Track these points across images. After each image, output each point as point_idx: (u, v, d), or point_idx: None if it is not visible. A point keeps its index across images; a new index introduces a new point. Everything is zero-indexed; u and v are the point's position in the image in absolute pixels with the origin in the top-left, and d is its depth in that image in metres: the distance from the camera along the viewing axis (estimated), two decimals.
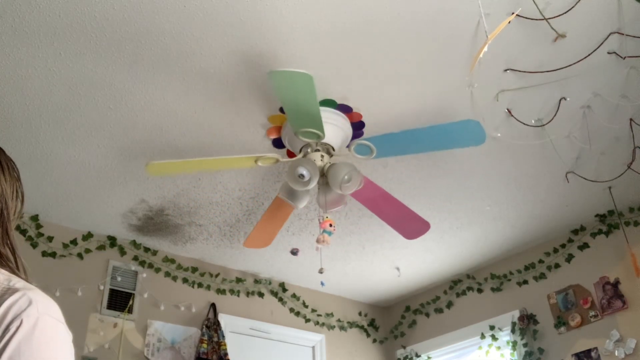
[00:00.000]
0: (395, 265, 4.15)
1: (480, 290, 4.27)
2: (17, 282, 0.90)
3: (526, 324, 3.88)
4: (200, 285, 3.89)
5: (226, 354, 3.63)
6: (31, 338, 0.81)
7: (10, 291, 0.86)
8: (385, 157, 2.63)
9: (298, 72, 2.11)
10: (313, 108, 2.25)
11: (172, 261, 3.80)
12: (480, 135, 2.45)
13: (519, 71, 2.43)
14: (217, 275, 3.97)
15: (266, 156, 2.52)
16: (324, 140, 2.56)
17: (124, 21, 2.09)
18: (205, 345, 3.60)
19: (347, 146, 2.70)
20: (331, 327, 4.47)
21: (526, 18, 2.15)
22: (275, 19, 2.11)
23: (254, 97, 2.50)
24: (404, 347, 4.62)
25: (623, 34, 2.28)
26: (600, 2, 2.14)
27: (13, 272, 0.95)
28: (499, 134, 2.79)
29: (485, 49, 1.94)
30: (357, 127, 2.69)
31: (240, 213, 3.38)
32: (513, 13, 2.10)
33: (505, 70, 2.44)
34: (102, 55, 2.24)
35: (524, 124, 2.71)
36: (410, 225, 2.95)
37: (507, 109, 2.66)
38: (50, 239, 3.35)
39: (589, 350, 3.52)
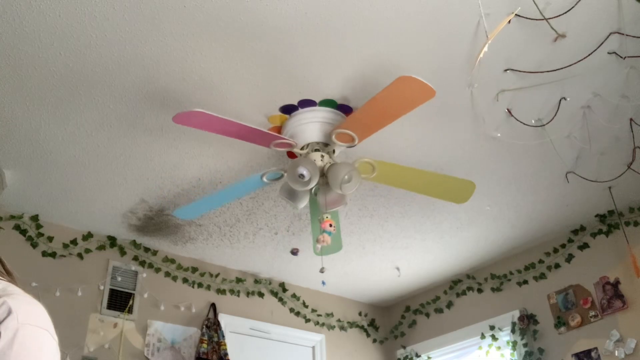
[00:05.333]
0: (395, 265, 4.15)
1: (480, 290, 4.27)
2: None
3: (526, 324, 3.88)
4: (200, 285, 3.89)
5: (226, 354, 3.63)
6: (9, 353, 0.75)
7: None
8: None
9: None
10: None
11: (172, 261, 3.80)
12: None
13: (519, 71, 2.43)
14: (217, 275, 3.97)
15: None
16: (325, 141, 2.57)
17: (124, 21, 2.09)
18: (205, 345, 3.60)
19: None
20: (331, 327, 4.47)
21: (526, 18, 2.15)
22: (277, 20, 2.12)
23: (254, 97, 2.50)
24: (404, 347, 4.62)
25: (623, 34, 2.28)
26: (600, 2, 2.14)
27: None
28: (499, 134, 2.79)
29: (485, 49, 1.94)
30: None
31: (240, 213, 3.38)
32: (513, 13, 2.10)
33: (505, 70, 2.43)
34: (101, 54, 2.24)
35: (524, 124, 2.71)
36: None
37: (507, 109, 2.66)
38: (50, 239, 3.35)
39: (589, 350, 3.52)
